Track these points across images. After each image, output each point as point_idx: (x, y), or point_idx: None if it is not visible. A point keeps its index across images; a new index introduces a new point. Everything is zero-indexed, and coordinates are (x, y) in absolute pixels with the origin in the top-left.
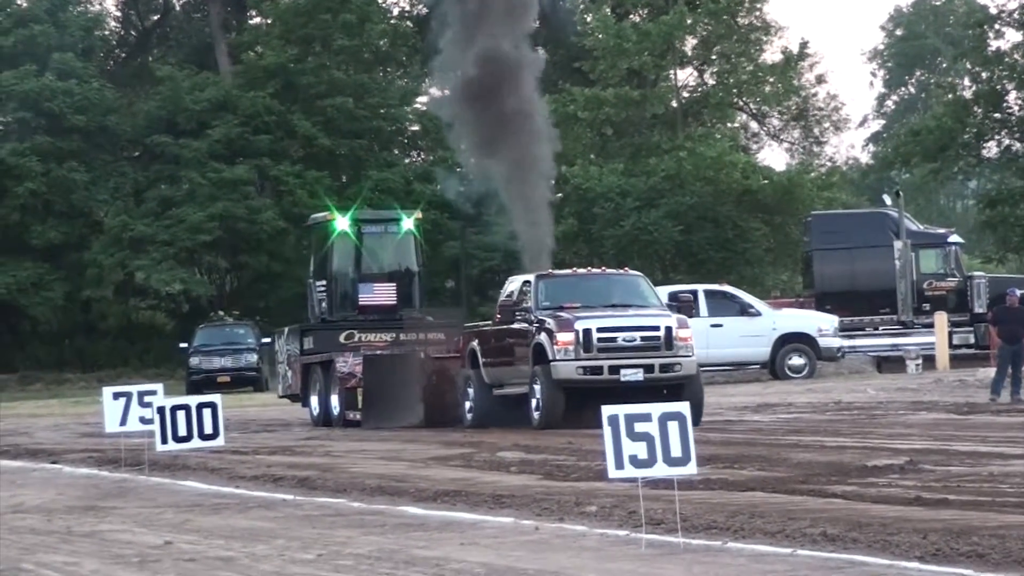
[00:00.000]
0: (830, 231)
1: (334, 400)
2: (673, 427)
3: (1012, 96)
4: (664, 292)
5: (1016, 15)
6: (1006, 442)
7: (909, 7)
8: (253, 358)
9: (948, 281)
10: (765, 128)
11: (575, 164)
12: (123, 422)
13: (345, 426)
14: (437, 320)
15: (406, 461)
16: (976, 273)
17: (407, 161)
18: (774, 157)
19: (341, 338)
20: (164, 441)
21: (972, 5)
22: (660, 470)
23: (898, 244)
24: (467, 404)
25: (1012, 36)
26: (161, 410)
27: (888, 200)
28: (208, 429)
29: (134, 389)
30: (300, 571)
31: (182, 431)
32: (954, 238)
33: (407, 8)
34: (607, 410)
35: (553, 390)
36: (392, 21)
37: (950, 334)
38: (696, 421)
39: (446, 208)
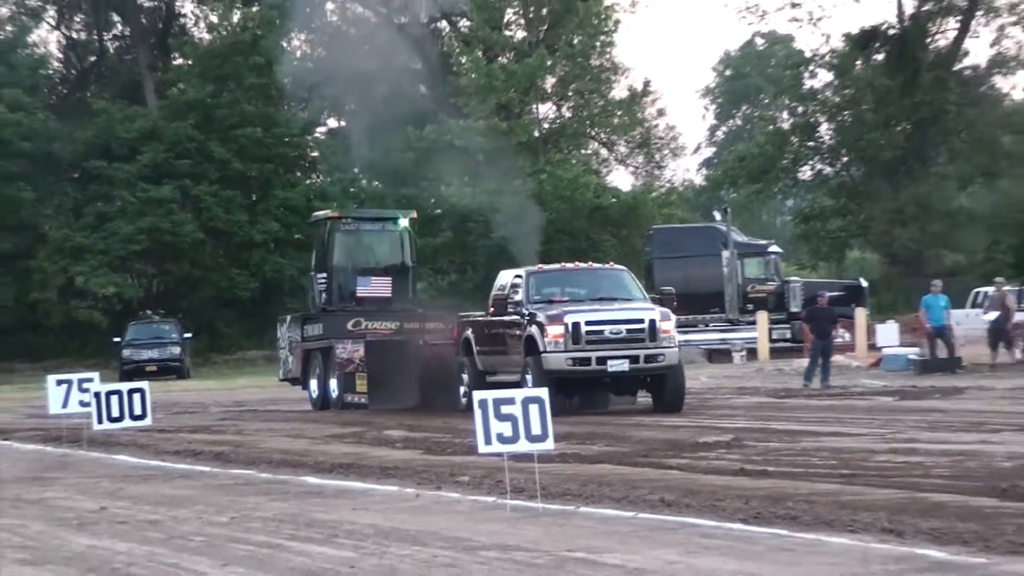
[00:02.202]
0: (668, 242)
1: (333, 384)
2: (534, 409)
3: (823, 127)
4: None
5: (827, 58)
6: (817, 422)
7: (737, 51)
8: (176, 350)
9: (768, 285)
10: (614, 154)
11: (451, 185)
12: (65, 405)
13: (343, 408)
14: (432, 310)
15: (307, 438)
16: (792, 278)
17: (307, 182)
18: (621, 179)
19: (349, 325)
20: (100, 421)
21: (790, 50)
22: (522, 446)
23: (726, 253)
24: (461, 389)
25: (824, 76)
26: (97, 395)
27: (718, 216)
28: (138, 411)
29: (74, 377)
30: (216, 532)
31: (115, 412)
32: (773, 248)
33: (308, 51)
34: (477, 394)
35: (544, 380)
36: (295, 63)
37: (770, 330)
38: (678, 407)
39: None
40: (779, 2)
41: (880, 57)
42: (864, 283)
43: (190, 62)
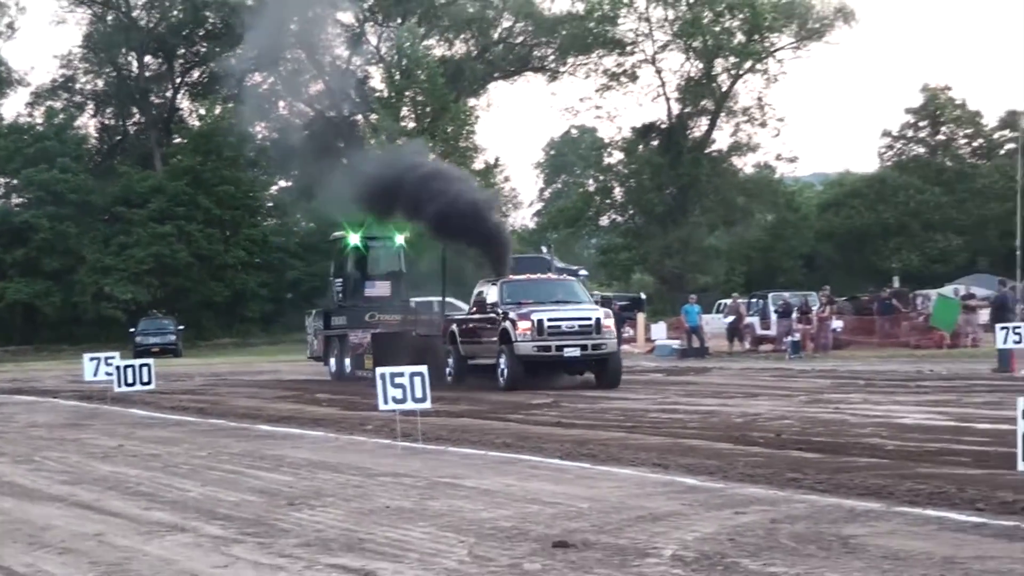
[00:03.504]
0: (511, 268)
1: (347, 362)
2: (417, 379)
3: (617, 190)
4: None
5: (619, 143)
6: (616, 392)
7: (558, 137)
8: (173, 337)
9: None
10: None
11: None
12: (95, 374)
13: (355, 380)
14: (423, 308)
15: (262, 399)
16: (595, 293)
17: (265, 223)
18: None
19: (365, 317)
20: (119, 385)
21: (595, 137)
22: (409, 405)
23: (551, 275)
24: (447, 370)
25: (617, 155)
26: (118, 367)
27: (544, 249)
28: (146, 379)
29: (102, 355)
30: (198, 462)
31: (130, 379)
32: (583, 272)
33: (268, 135)
34: (379, 370)
35: (515, 363)
36: (258, 141)
37: None
38: (616, 384)
39: None
40: (587, 104)
41: (655, 143)
42: (643, 296)
43: (186, 140)
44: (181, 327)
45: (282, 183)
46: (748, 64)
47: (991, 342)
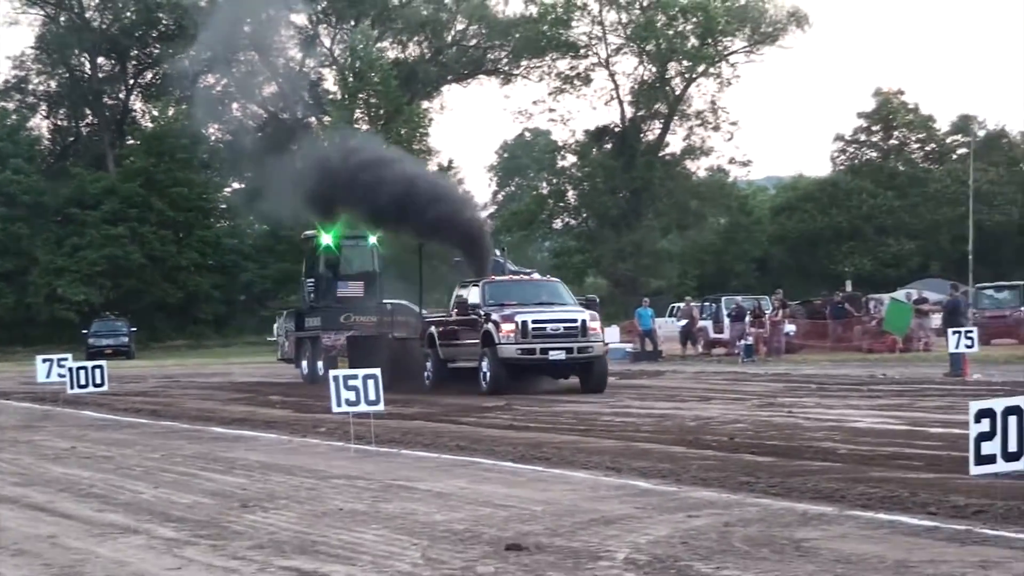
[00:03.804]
0: (465, 269)
1: (319, 364)
2: (371, 382)
3: (570, 194)
4: None
5: (572, 147)
6: (562, 392)
7: (512, 140)
8: (125, 339)
9: None
10: None
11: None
12: (48, 375)
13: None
14: (400, 309)
15: (215, 401)
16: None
17: (218, 225)
18: None
19: (340, 318)
20: (72, 387)
21: (548, 140)
22: (362, 407)
23: (535, 276)
24: (426, 374)
25: (570, 159)
26: (71, 369)
27: (498, 252)
28: (98, 380)
29: (55, 357)
30: (151, 464)
31: (83, 381)
32: (535, 275)
33: (221, 137)
34: (332, 372)
35: (498, 366)
36: (211, 143)
37: None
38: (602, 389)
39: None
40: (541, 107)
41: (609, 146)
42: (596, 299)
43: (139, 142)
44: (134, 329)
45: (235, 185)
46: (701, 68)
47: (943, 346)
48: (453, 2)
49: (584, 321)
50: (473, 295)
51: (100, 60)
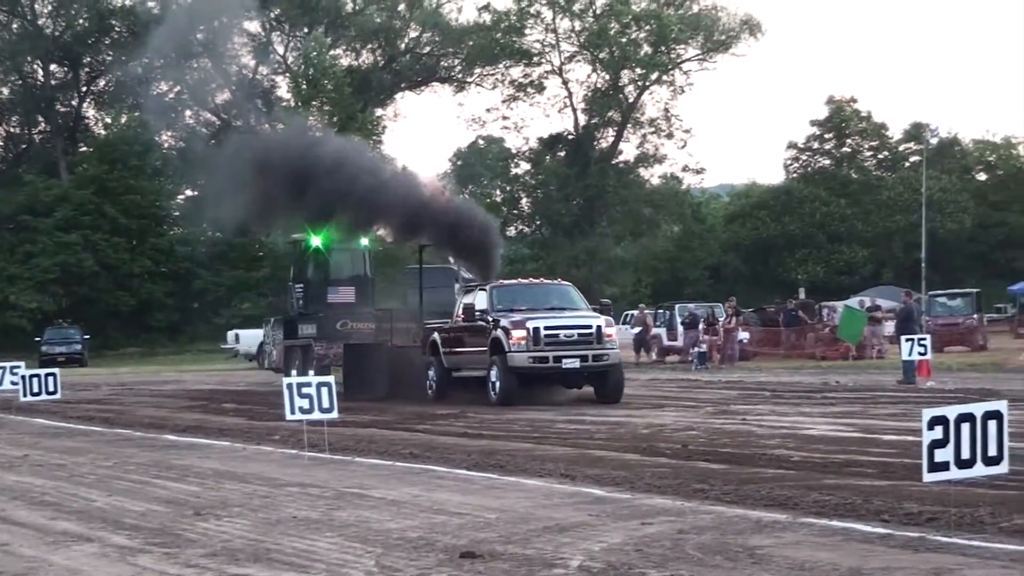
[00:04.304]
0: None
1: (311, 374)
2: (324, 390)
3: (524, 201)
4: None
5: (526, 154)
6: (517, 400)
7: (465, 148)
8: (78, 347)
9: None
10: None
11: (270, 236)
12: (1, 383)
13: None
14: (399, 315)
15: (168, 409)
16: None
17: (171, 232)
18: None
19: (337, 325)
20: (25, 395)
21: (502, 148)
22: (316, 415)
23: (457, 286)
24: (428, 383)
25: (524, 166)
26: (24, 377)
27: (451, 259)
28: (51, 388)
29: (7, 364)
30: (104, 472)
31: (36, 389)
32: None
33: (174, 144)
34: (286, 380)
35: (509, 375)
36: (164, 150)
37: None
38: (618, 399)
39: None
40: (494, 115)
41: (562, 154)
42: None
43: (91, 149)
44: (87, 336)
45: (188, 192)
46: (655, 76)
47: (896, 354)
48: (406, 10)
49: (599, 327)
50: (480, 300)
51: (53, 67)
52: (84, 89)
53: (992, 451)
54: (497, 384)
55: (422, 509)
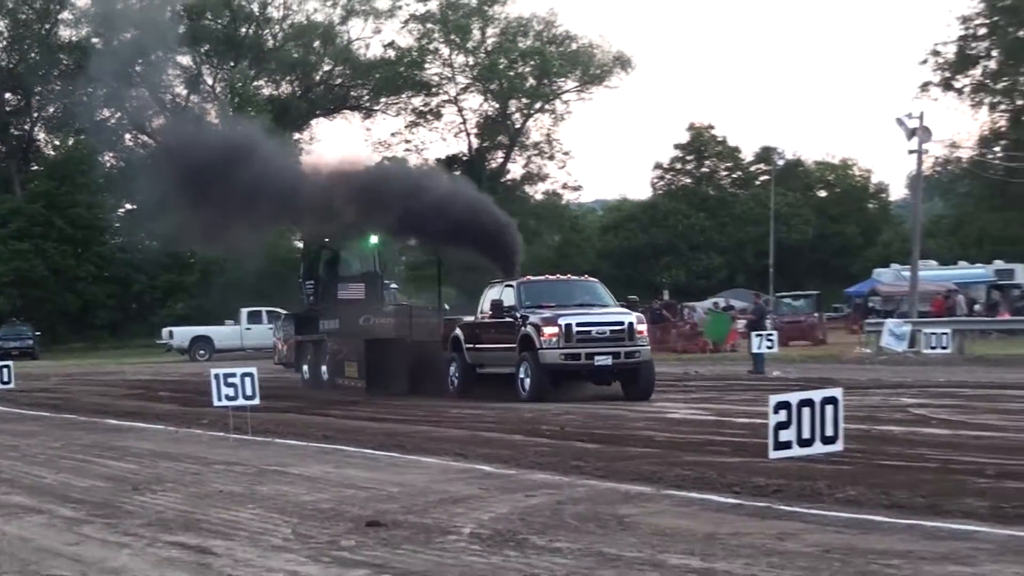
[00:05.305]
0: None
1: (323, 369)
2: (247, 379)
3: None
4: None
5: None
6: (469, 398)
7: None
8: (30, 342)
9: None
10: None
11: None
12: None
13: (334, 388)
14: (420, 310)
15: (110, 396)
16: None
17: (113, 241)
18: None
19: (360, 320)
20: None
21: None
22: (240, 402)
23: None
24: (451, 379)
25: None
26: None
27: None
28: (5, 379)
29: None
30: (52, 453)
31: None
32: (394, 286)
33: (116, 164)
34: (212, 370)
35: (540, 372)
36: (106, 169)
37: None
38: (648, 395)
39: None
40: (398, 139)
41: (458, 173)
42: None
43: (42, 168)
44: (38, 333)
45: (128, 206)
46: (538, 105)
47: (748, 347)
48: (321, 46)
49: (631, 324)
50: (507, 296)
51: (7, 95)
52: (35, 115)
53: (829, 431)
54: (527, 381)
55: (333, 484)
